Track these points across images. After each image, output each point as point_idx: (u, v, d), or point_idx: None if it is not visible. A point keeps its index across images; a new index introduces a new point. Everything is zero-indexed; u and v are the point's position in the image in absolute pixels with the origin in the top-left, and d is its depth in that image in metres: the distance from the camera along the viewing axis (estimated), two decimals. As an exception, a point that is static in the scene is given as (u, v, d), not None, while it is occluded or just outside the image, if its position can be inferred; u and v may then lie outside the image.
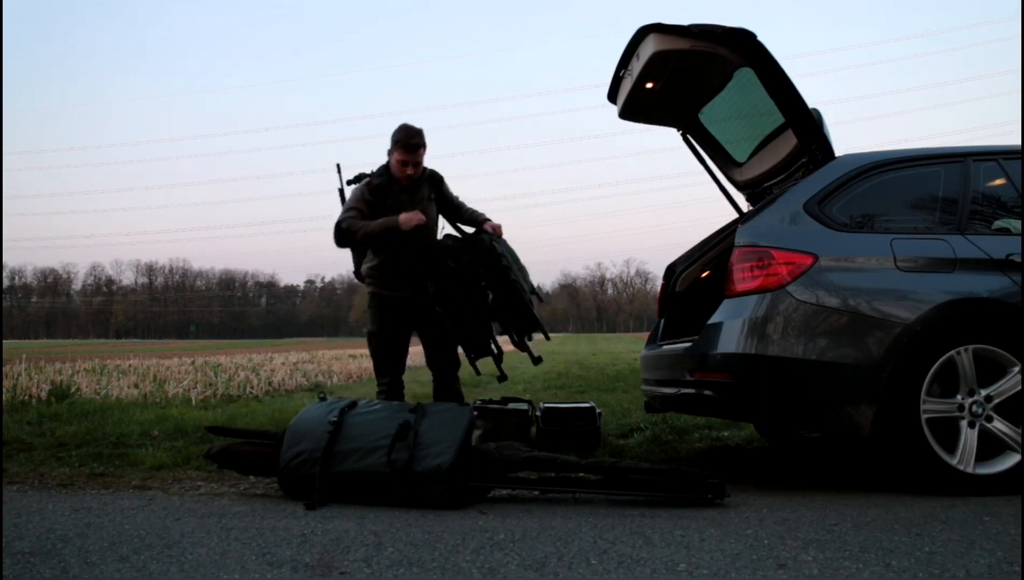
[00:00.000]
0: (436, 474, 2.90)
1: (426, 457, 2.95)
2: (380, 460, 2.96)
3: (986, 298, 3.03)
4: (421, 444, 3.00)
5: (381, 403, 3.36)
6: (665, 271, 4.51)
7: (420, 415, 3.15)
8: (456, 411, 3.21)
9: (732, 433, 4.79)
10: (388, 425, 3.08)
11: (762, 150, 4.00)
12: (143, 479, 3.64)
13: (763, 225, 3.25)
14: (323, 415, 3.19)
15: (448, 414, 3.17)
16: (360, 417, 3.17)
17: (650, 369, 3.96)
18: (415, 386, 6.47)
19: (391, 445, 2.98)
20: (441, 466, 2.91)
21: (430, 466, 2.92)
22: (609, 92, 4.22)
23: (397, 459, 2.95)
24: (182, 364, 13.77)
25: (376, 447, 3.00)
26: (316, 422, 3.16)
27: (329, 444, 3.04)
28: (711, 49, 3.31)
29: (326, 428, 3.10)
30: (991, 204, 3.34)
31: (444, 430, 3.05)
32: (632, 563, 2.13)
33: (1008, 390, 3.01)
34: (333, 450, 3.03)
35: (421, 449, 2.98)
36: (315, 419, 3.18)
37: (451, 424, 3.09)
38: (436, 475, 2.90)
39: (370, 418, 3.16)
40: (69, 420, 5.53)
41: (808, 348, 3.01)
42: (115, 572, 2.12)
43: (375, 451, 2.99)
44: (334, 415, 3.16)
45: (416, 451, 2.97)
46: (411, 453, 2.96)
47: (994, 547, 2.20)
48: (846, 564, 2.08)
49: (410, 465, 2.94)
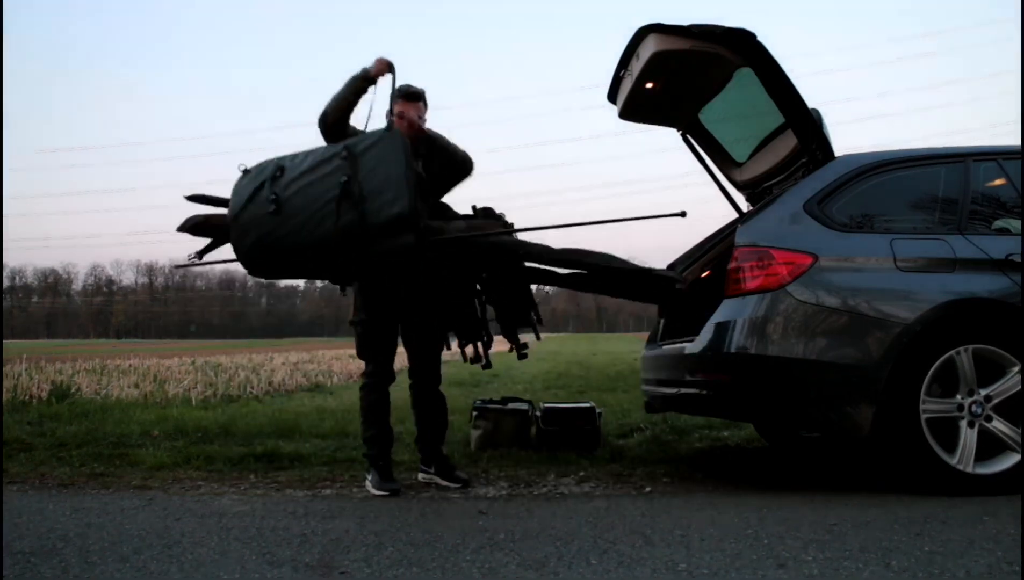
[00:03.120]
0: (399, 222, 2.75)
1: (380, 208, 2.79)
2: (331, 227, 2.80)
3: (986, 298, 3.03)
4: (369, 196, 2.81)
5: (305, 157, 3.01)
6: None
7: (353, 163, 2.89)
8: (387, 142, 2.92)
9: (732, 433, 4.79)
10: (328, 185, 2.87)
11: (762, 150, 4.00)
12: (143, 479, 3.64)
13: (763, 225, 3.25)
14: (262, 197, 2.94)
15: (382, 149, 2.91)
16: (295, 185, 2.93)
17: (650, 369, 3.96)
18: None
19: (337, 208, 2.80)
20: (402, 212, 2.75)
21: (388, 215, 2.77)
22: (609, 92, 4.22)
23: (349, 221, 2.79)
24: (182, 364, 13.77)
25: (325, 214, 2.82)
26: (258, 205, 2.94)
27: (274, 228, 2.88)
28: (711, 49, 3.30)
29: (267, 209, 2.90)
30: (991, 204, 3.34)
31: (385, 169, 2.84)
32: (632, 563, 2.13)
33: (1008, 390, 3.01)
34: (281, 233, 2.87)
35: (371, 201, 2.80)
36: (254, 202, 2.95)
37: (390, 160, 2.86)
38: (398, 223, 2.75)
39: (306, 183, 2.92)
40: (69, 420, 5.53)
41: (808, 348, 3.01)
42: (115, 572, 2.12)
43: (325, 219, 2.82)
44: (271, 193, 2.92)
45: (366, 206, 2.79)
46: (362, 208, 2.79)
47: (994, 547, 2.20)
48: (846, 564, 2.08)
49: (363, 221, 2.78)
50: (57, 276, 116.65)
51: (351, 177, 2.86)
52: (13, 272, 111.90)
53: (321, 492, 3.33)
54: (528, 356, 3.52)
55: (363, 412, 3.45)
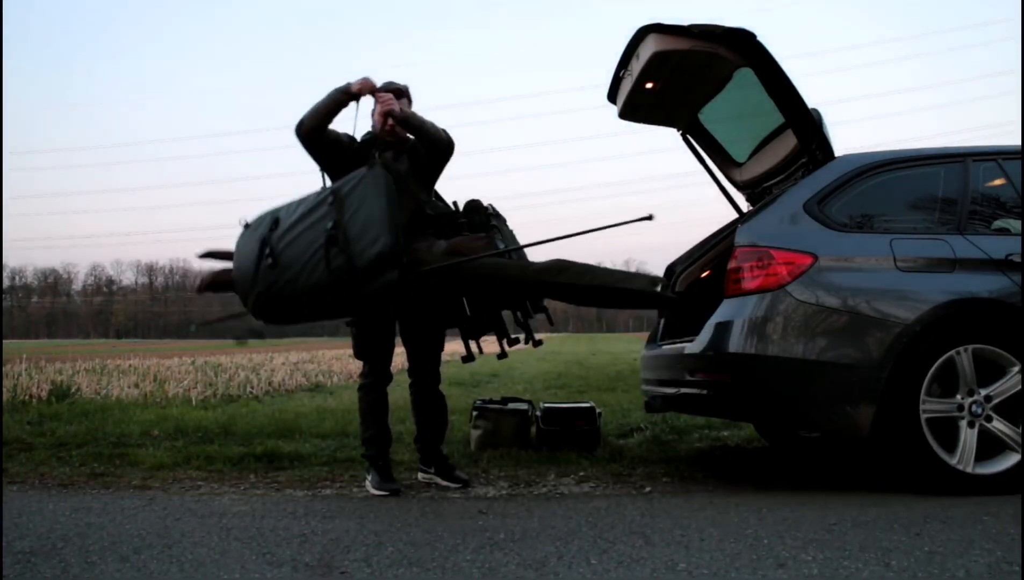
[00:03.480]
0: (381, 261, 2.80)
1: (364, 250, 2.85)
2: (322, 274, 2.87)
3: (985, 298, 3.03)
4: (353, 240, 2.87)
5: (298, 205, 3.08)
6: (665, 271, 4.51)
7: (340, 206, 2.96)
8: (369, 181, 2.98)
9: (732, 433, 4.79)
10: (317, 233, 2.94)
11: (762, 150, 4.00)
12: (143, 479, 3.64)
13: (763, 225, 3.25)
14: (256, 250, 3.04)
15: (364, 188, 2.97)
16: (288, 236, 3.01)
17: (650, 369, 3.96)
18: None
19: (326, 255, 2.87)
20: (383, 252, 2.81)
21: (370, 256, 2.83)
22: (609, 92, 4.22)
23: (338, 266, 2.85)
24: (182, 364, 13.77)
25: (316, 262, 2.90)
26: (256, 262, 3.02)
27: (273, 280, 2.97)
28: (711, 49, 3.30)
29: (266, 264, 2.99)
30: (990, 204, 3.34)
31: (367, 209, 2.91)
32: (632, 563, 2.13)
33: (1007, 390, 3.01)
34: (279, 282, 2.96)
35: (354, 244, 2.86)
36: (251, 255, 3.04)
37: (371, 199, 2.93)
38: (381, 263, 2.80)
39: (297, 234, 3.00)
40: (69, 420, 5.53)
41: (808, 348, 3.02)
42: (115, 572, 2.12)
43: (317, 266, 2.89)
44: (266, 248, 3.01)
45: (351, 249, 2.85)
46: (348, 253, 2.85)
47: (994, 547, 2.20)
48: (846, 564, 2.08)
49: (351, 265, 2.84)
50: (57, 276, 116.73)
51: (336, 222, 2.93)
52: (13, 272, 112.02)
53: (321, 492, 3.34)
54: (508, 356, 3.56)
55: (361, 413, 3.46)
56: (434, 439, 3.49)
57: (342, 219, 2.93)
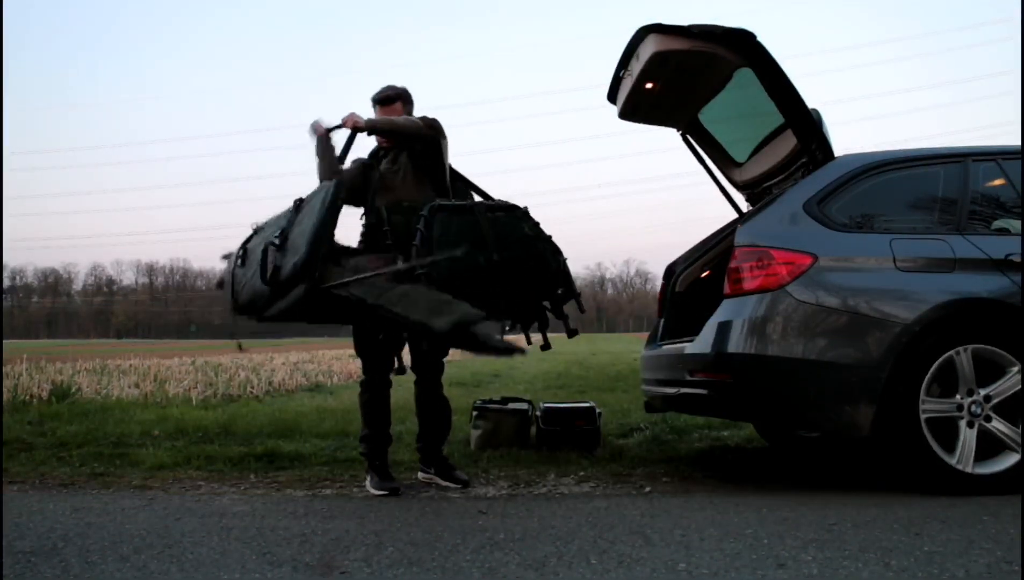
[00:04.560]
0: (295, 275, 2.74)
1: (288, 262, 2.79)
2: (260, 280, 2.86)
3: (985, 298, 3.03)
4: (288, 250, 2.82)
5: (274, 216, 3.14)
6: (665, 271, 4.51)
7: (297, 213, 2.96)
8: (320, 194, 2.94)
9: (732, 433, 4.79)
10: (268, 237, 2.97)
11: (762, 150, 4.00)
12: (143, 479, 3.65)
13: (763, 225, 3.25)
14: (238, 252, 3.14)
15: (312, 201, 2.94)
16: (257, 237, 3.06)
17: (650, 369, 3.96)
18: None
19: (263, 259, 2.84)
20: (297, 264, 2.74)
21: (289, 269, 2.76)
22: (609, 92, 4.22)
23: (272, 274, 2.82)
24: (182, 364, 13.77)
25: (260, 265, 2.89)
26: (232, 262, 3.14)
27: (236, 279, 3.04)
28: (711, 49, 3.31)
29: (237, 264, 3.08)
30: (990, 204, 3.34)
31: (309, 220, 2.86)
32: (632, 563, 2.14)
33: (1007, 390, 3.01)
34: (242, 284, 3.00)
35: (289, 255, 2.81)
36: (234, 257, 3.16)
37: (314, 212, 2.87)
38: (295, 276, 2.74)
39: (262, 236, 3.05)
40: (70, 420, 5.53)
41: (808, 348, 3.02)
42: (115, 572, 2.12)
43: (259, 270, 2.88)
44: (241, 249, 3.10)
45: (285, 258, 2.81)
46: (281, 263, 2.80)
47: (993, 547, 2.21)
48: (846, 564, 2.08)
49: (276, 276, 2.79)
50: (57, 276, 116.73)
51: (283, 229, 2.92)
52: (13, 272, 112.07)
53: (321, 492, 3.34)
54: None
55: (360, 411, 3.47)
56: (435, 440, 3.49)
57: (289, 229, 2.93)
